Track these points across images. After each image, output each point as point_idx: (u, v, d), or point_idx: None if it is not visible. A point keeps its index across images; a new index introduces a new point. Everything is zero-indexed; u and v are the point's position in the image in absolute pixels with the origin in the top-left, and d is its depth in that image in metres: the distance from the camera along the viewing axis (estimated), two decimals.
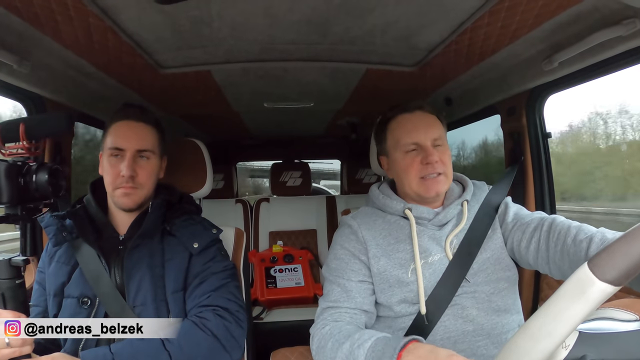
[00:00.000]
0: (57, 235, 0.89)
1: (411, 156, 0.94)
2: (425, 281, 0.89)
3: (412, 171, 0.94)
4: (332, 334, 0.83)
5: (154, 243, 0.94)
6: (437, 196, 0.95)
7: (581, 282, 0.41)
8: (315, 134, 2.77)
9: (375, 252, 0.93)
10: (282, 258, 2.29)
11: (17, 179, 0.75)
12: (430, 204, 0.97)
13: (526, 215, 0.94)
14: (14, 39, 0.91)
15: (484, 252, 0.92)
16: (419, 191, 0.94)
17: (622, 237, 0.41)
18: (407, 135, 0.95)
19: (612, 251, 0.40)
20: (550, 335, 0.42)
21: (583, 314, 0.40)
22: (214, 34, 1.03)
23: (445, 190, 0.96)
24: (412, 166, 0.94)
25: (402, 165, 0.95)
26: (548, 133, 1.33)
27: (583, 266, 0.41)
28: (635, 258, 0.39)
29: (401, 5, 0.89)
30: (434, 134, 0.94)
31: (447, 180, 0.95)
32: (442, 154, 0.94)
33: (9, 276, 0.69)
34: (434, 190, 0.93)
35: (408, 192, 0.97)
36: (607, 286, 0.39)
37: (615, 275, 0.39)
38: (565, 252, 0.78)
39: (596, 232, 0.75)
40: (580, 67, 1.02)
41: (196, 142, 1.22)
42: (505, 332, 0.88)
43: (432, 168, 0.92)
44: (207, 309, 0.88)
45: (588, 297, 0.40)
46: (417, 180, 0.93)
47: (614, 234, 0.74)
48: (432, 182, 0.92)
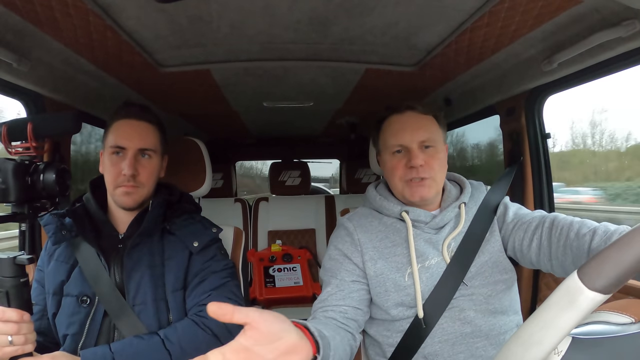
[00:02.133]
0: (57, 233, 0.89)
1: (397, 158, 0.93)
2: (422, 285, 0.88)
3: (396, 173, 0.93)
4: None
5: (153, 242, 0.94)
6: (422, 201, 0.93)
7: (570, 290, 0.41)
8: (315, 134, 2.77)
9: (371, 254, 0.92)
10: (280, 257, 2.29)
11: (25, 178, 0.76)
12: (426, 206, 0.96)
13: (527, 214, 0.93)
14: (13, 37, 0.91)
15: (482, 255, 0.91)
16: (404, 194, 0.93)
17: (611, 245, 0.41)
18: (394, 136, 0.93)
19: (601, 260, 0.40)
20: (540, 343, 0.42)
21: (573, 322, 0.40)
22: (214, 33, 1.03)
23: (432, 196, 0.93)
24: (397, 168, 0.93)
25: (389, 166, 0.95)
26: (547, 134, 1.33)
27: (572, 275, 0.41)
28: (624, 266, 0.39)
29: (401, 5, 0.89)
30: (422, 135, 0.91)
31: (435, 185, 0.92)
32: (430, 157, 0.91)
33: (13, 274, 0.69)
34: (417, 195, 0.91)
35: (397, 195, 0.97)
36: (596, 295, 0.39)
37: (605, 284, 0.39)
38: (568, 247, 0.77)
39: (599, 225, 0.75)
40: (579, 68, 1.02)
41: (195, 141, 1.22)
42: (503, 332, 0.88)
43: (415, 172, 0.90)
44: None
45: (577, 306, 0.40)
46: (402, 183, 0.92)
47: (617, 227, 0.73)
48: (416, 186, 0.91)
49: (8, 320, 0.68)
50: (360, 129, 2.39)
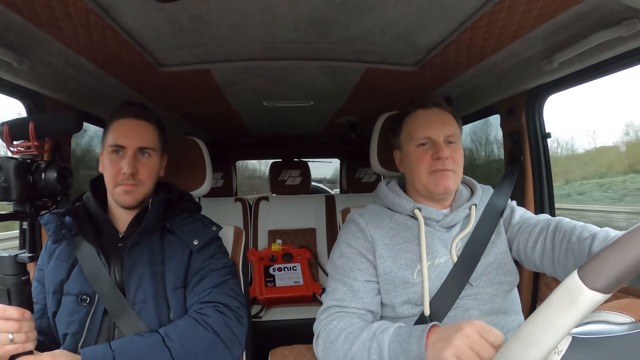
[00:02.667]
0: (57, 232, 0.89)
1: (423, 150, 0.95)
2: (430, 283, 0.89)
3: (422, 164, 0.94)
4: (344, 328, 0.83)
5: (153, 240, 0.95)
6: (445, 192, 0.95)
7: (571, 290, 0.41)
8: (315, 133, 2.76)
9: (382, 252, 0.93)
10: (281, 257, 2.29)
11: (26, 177, 0.76)
12: (439, 203, 0.97)
13: (532, 217, 0.95)
14: (13, 37, 0.91)
15: (487, 257, 0.92)
16: (428, 185, 0.94)
17: (611, 245, 0.41)
18: (421, 129, 0.95)
19: (601, 259, 0.40)
20: (540, 343, 0.42)
21: (573, 321, 0.40)
22: (214, 33, 1.03)
23: (454, 188, 0.96)
24: (423, 160, 0.94)
25: (414, 158, 0.96)
26: (547, 133, 1.33)
27: (573, 274, 0.41)
28: (624, 266, 0.39)
29: (401, 4, 0.89)
30: (448, 131, 0.94)
31: (457, 178, 0.95)
32: (454, 151, 0.94)
33: (15, 272, 0.69)
34: (442, 184, 0.92)
35: (417, 187, 0.97)
36: (596, 294, 0.39)
37: (605, 284, 0.39)
38: (570, 250, 0.78)
39: (600, 230, 0.76)
40: (580, 68, 1.02)
41: (196, 141, 1.22)
42: (506, 332, 0.89)
43: (442, 164, 0.92)
44: (207, 306, 0.88)
45: (578, 306, 0.40)
46: (427, 173, 0.94)
47: (617, 233, 0.75)
48: (441, 176, 0.92)
49: (9, 318, 0.68)
50: (360, 128, 2.39)
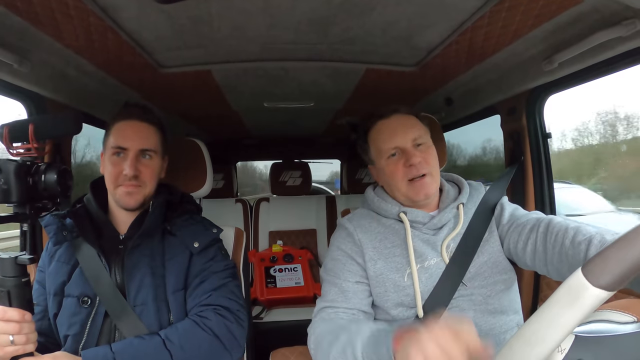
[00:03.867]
0: (58, 234, 0.89)
1: (394, 160, 0.94)
2: (421, 285, 0.89)
3: (397, 175, 0.93)
4: (330, 330, 0.83)
5: (154, 242, 0.94)
6: (426, 198, 0.94)
7: (575, 288, 0.41)
8: (315, 134, 2.76)
9: (371, 255, 0.93)
10: (281, 258, 2.29)
11: (26, 179, 0.76)
12: (425, 207, 0.96)
13: (522, 215, 0.93)
14: (14, 38, 0.91)
15: (480, 256, 0.91)
16: (409, 194, 0.93)
17: (615, 242, 0.41)
18: (387, 140, 0.94)
19: (605, 257, 0.40)
20: (544, 341, 0.42)
21: (577, 319, 0.40)
22: (214, 34, 1.03)
23: (434, 192, 0.95)
24: (397, 170, 0.93)
25: (388, 171, 0.95)
26: (548, 133, 1.33)
27: (577, 272, 0.41)
28: (628, 263, 0.39)
29: (401, 5, 0.89)
30: (413, 134, 0.93)
31: (435, 180, 0.94)
32: (424, 153, 0.93)
33: (15, 274, 0.69)
34: (422, 192, 0.92)
35: (399, 198, 0.97)
36: (600, 292, 0.39)
37: (609, 281, 0.39)
38: (564, 254, 0.76)
39: (595, 234, 0.73)
40: (580, 68, 1.01)
41: (196, 142, 1.22)
42: (503, 332, 0.88)
43: (416, 170, 0.91)
44: (207, 308, 0.88)
45: (582, 303, 0.40)
46: (405, 183, 0.93)
47: (613, 236, 0.72)
48: (420, 185, 0.92)
49: (9, 319, 0.68)
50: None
